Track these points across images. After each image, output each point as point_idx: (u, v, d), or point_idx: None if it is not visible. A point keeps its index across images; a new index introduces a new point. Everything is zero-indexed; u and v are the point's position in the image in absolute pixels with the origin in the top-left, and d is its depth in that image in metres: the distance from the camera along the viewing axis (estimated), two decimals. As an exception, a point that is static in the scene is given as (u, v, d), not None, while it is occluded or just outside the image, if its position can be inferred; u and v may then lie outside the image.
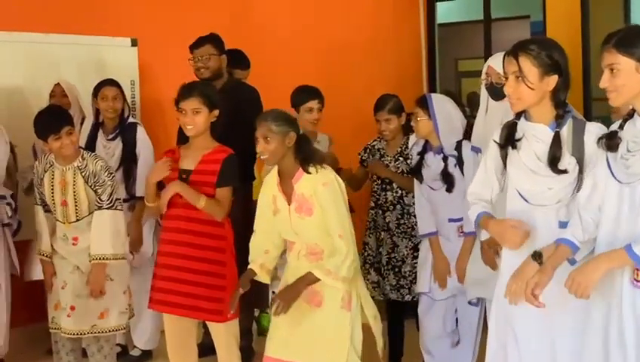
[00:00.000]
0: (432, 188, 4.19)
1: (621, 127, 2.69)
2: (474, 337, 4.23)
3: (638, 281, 2.57)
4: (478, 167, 3.21)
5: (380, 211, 4.67)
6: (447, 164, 4.11)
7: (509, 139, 2.95)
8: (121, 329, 4.14)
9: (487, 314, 3.73)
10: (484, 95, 3.87)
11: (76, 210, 3.98)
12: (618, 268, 2.58)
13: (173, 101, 3.85)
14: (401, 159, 4.63)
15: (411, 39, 7.33)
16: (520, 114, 2.94)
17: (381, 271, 4.64)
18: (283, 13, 6.42)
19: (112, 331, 4.06)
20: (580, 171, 2.84)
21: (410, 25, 7.33)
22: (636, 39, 2.58)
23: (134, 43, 5.61)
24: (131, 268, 4.34)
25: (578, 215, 2.75)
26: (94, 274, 3.95)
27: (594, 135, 2.80)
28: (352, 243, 3.34)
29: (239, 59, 5.24)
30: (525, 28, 7.95)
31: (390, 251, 4.61)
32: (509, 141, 2.95)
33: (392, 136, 4.66)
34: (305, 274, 3.34)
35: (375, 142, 4.80)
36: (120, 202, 4.08)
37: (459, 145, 4.11)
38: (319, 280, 3.30)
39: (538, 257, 2.79)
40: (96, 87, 4.83)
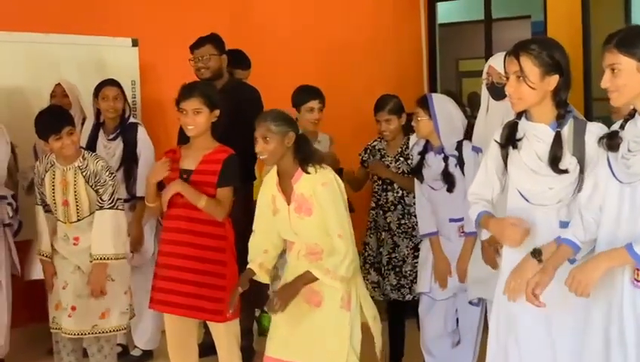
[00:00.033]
0: (432, 188, 4.19)
1: (622, 127, 2.69)
2: (474, 337, 4.22)
3: (638, 281, 2.57)
4: (478, 167, 3.21)
5: (381, 211, 4.67)
6: (447, 163, 4.11)
7: (509, 138, 2.95)
8: (122, 329, 4.14)
9: (487, 315, 3.73)
10: (485, 95, 3.88)
11: (77, 210, 3.98)
12: (618, 266, 2.58)
13: (173, 101, 3.85)
14: (402, 159, 4.63)
15: (412, 39, 7.33)
16: (521, 114, 2.94)
17: (381, 271, 4.64)
18: (283, 13, 6.42)
19: (112, 331, 4.06)
20: (581, 171, 2.84)
21: (411, 25, 7.33)
22: (637, 39, 2.57)
23: (135, 43, 5.61)
24: (132, 268, 4.34)
25: (579, 215, 2.75)
26: (95, 274, 3.95)
27: (595, 135, 2.80)
28: (352, 243, 3.34)
29: (240, 59, 5.24)
30: (526, 28, 7.94)
31: (391, 251, 4.60)
32: (509, 141, 2.95)
33: (393, 137, 4.66)
34: (303, 272, 3.33)
35: (375, 143, 4.80)
36: (121, 202, 4.09)
37: (459, 145, 4.11)
38: (317, 279, 3.30)
39: (537, 254, 2.79)
40: (97, 87, 4.83)
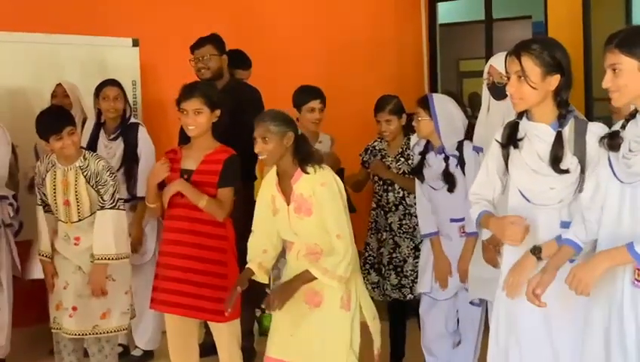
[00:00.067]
0: (433, 188, 4.18)
1: (623, 127, 2.68)
2: (475, 337, 4.22)
3: (639, 281, 2.57)
4: (479, 167, 3.21)
5: (382, 212, 4.67)
6: (448, 164, 4.11)
7: (510, 138, 2.95)
8: (123, 329, 4.14)
9: (488, 315, 3.73)
10: (485, 95, 3.88)
11: (78, 210, 3.98)
12: (619, 265, 2.58)
13: (174, 101, 3.85)
14: (403, 160, 4.62)
15: (413, 39, 7.32)
16: (522, 113, 2.94)
17: (382, 272, 4.63)
18: (284, 13, 6.42)
19: (113, 332, 4.06)
20: (582, 171, 2.84)
21: (412, 25, 7.33)
22: (638, 39, 2.57)
23: (136, 43, 5.61)
24: (133, 268, 4.34)
25: (581, 215, 2.75)
26: (95, 274, 3.95)
27: (596, 135, 2.79)
28: (351, 244, 3.33)
29: (240, 59, 5.23)
30: (527, 28, 7.93)
31: (392, 251, 4.60)
32: (510, 140, 2.95)
33: (393, 137, 4.66)
34: (301, 272, 3.33)
35: (376, 143, 4.80)
36: (122, 202, 4.08)
37: (460, 145, 4.10)
38: (316, 278, 3.30)
39: (537, 252, 2.80)
40: (98, 88, 4.83)
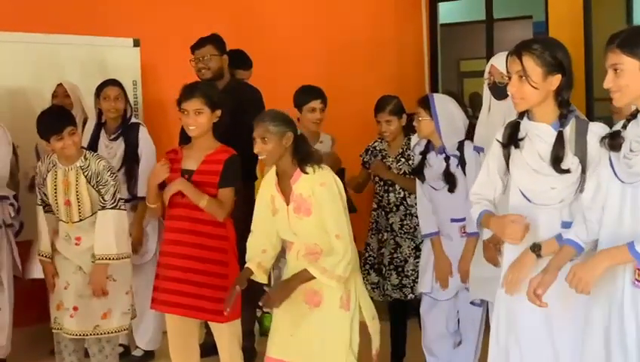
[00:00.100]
0: (434, 188, 4.18)
1: (624, 127, 2.68)
2: (476, 337, 4.22)
3: (639, 282, 2.57)
4: (480, 167, 3.21)
5: (383, 212, 4.67)
6: (449, 164, 4.10)
7: (512, 138, 2.95)
8: (124, 329, 4.14)
9: (489, 315, 3.73)
10: (486, 94, 3.87)
11: (79, 210, 3.97)
12: (619, 264, 2.58)
13: (175, 101, 3.85)
14: (403, 160, 4.62)
15: (413, 39, 7.32)
16: (523, 113, 2.94)
17: (382, 272, 4.63)
18: (285, 13, 6.42)
19: (114, 332, 4.06)
20: (583, 171, 2.84)
21: (413, 25, 7.33)
22: (640, 39, 2.57)
23: (136, 43, 5.61)
24: (134, 269, 4.33)
25: (582, 215, 2.75)
26: (96, 274, 3.95)
27: (597, 135, 2.79)
28: (350, 244, 3.33)
29: (241, 59, 5.23)
30: (528, 28, 7.94)
31: (393, 251, 4.60)
32: (511, 140, 2.95)
33: (393, 138, 4.66)
34: (300, 270, 3.33)
35: (376, 143, 4.80)
36: (123, 202, 4.08)
37: (461, 145, 4.10)
38: (314, 278, 3.30)
39: (537, 249, 2.81)
40: (99, 88, 4.83)
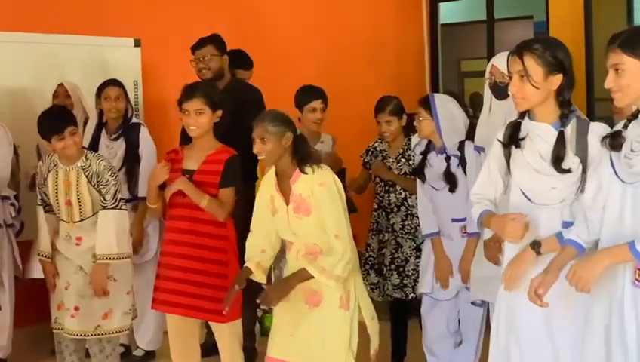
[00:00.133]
0: (434, 188, 4.18)
1: (625, 127, 2.68)
2: (477, 337, 4.22)
3: (639, 281, 2.57)
4: (481, 167, 3.21)
5: (384, 213, 4.66)
6: (449, 164, 4.10)
7: (512, 138, 2.95)
8: (125, 330, 4.13)
9: (490, 315, 3.72)
10: (487, 94, 3.87)
11: (80, 210, 3.97)
12: (619, 263, 2.58)
13: (176, 101, 3.85)
14: (404, 160, 4.62)
15: (414, 39, 7.33)
16: (524, 113, 2.94)
17: (383, 272, 4.63)
18: (285, 13, 6.42)
19: (115, 332, 4.05)
20: (584, 171, 2.84)
21: (413, 25, 7.34)
22: (641, 39, 2.57)
23: (137, 43, 5.62)
24: (134, 269, 4.33)
25: (583, 215, 2.75)
26: (96, 274, 3.95)
27: (598, 135, 2.79)
28: (349, 244, 3.33)
29: (242, 59, 5.23)
30: (528, 28, 7.94)
31: (394, 251, 4.60)
32: (512, 140, 2.94)
33: (393, 138, 4.66)
34: (299, 269, 3.33)
35: (377, 144, 4.80)
36: (124, 202, 4.08)
37: (461, 145, 4.10)
38: (312, 277, 3.30)
39: (537, 246, 2.81)
40: (100, 88, 4.83)
